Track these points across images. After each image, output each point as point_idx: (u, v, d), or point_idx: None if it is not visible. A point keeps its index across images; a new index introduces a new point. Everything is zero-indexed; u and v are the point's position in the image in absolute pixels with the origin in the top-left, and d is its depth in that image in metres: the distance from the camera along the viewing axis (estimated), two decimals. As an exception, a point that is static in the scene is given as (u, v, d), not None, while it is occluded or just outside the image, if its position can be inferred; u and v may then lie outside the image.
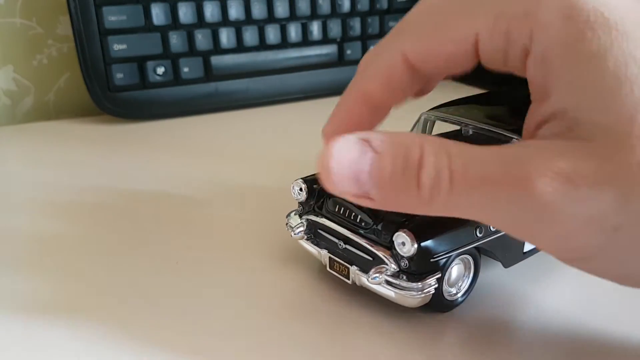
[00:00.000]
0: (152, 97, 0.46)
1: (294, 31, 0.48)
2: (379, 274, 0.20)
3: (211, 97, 0.47)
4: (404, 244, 0.19)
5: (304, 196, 0.23)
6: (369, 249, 0.20)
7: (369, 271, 0.20)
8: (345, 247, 0.22)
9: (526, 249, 0.22)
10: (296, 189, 0.23)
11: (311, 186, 0.23)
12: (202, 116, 0.47)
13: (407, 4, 0.52)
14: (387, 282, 0.20)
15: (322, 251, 0.22)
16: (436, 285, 0.19)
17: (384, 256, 0.20)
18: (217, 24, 0.46)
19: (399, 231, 0.19)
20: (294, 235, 0.23)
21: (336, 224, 0.22)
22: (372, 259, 0.20)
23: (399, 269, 0.20)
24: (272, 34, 0.48)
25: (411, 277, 0.19)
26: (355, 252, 0.21)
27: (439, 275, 0.19)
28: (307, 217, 0.23)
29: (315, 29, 0.49)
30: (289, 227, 0.23)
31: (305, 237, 0.23)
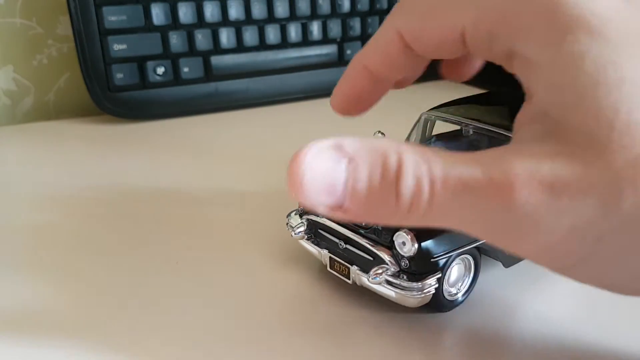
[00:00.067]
0: (152, 97, 0.46)
1: (294, 31, 0.48)
2: (380, 274, 0.20)
3: (211, 97, 0.47)
4: (404, 244, 0.19)
5: None
6: (369, 249, 0.20)
7: (369, 271, 0.20)
8: (345, 247, 0.22)
9: None
10: None
11: None
12: (202, 116, 0.47)
13: (407, 4, 0.52)
14: (388, 282, 0.20)
15: (322, 251, 0.22)
16: (436, 285, 0.19)
17: (385, 256, 0.20)
18: (217, 24, 0.46)
19: (400, 231, 0.19)
20: (294, 235, 0.23)
21: (336, 224, 0.22)
22: (372, 259, 0.20)
23: (399, 269, 0.20)
24: (272, 34, 0.48)
25: (411, 277, 0.19)
26: (355, 252, 0.21)
27: (439, 275, 0.19)
28: (308, 217, 0.23)
29: (315, 29, 0.49)
30: (290, 227, 0.23)
31: (305, 237, 0.23)
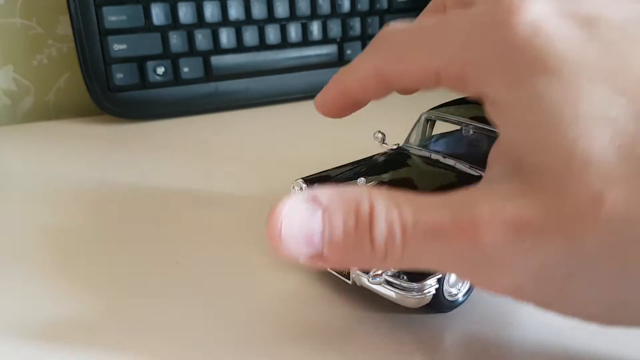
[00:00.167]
0: (152, 97, 0.46)
1: (294, 31, 0.48)
2: (379, 274, 0.20)
3: (211, 97, 0.47)
4: None
5: None
6: None
7: (369, 271, 0.20)
8: None
9: None
10: (296, 189, 0.23)
11: (311, 186, 0.23)
12: (202, 116, 0.47)
13: (407, 4, 0.52)
14: (388, 283, 0.20)
15: None
16: (437, 285, 0.19)
17: None
18: (217, 24, 0.46)
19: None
20: None
21: None
22: None
23: (399, 269, 0.20)
24: (272, 34, 0.48)
25: (411, 278, 0.19)
26: None
27: (440, 275, 0.19)
28: None
29: (315, 29, 0.49)
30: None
31: None
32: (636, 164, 0.13)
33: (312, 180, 0.23)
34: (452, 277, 0.21)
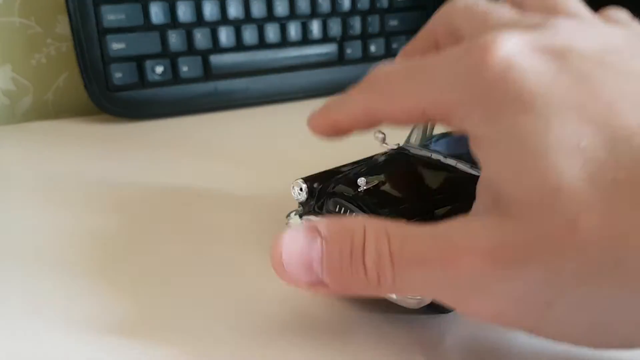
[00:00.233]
0: (151, 97, 0.46)
1: (294, 30, 0.48)
2: None
3: (210, 96, 0.47)
4: None
5: (304, 196, 0.23)
6: None
7: None
8: None
9: None
10: (296, 189, 0.23)
11: (311, 186, 0.23)
12: (202, 115, 0.47)
13: (407, 3, 0.52)
14: None
15: None
16: None
17: None
18: (216, 22, 0.46)
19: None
20: None
21: None
22: None
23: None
24: (272, 32, 0.47)
25: None
26: None
27: None
28: (307, 217, 0.23)
29: (315, 27, 0.49)
30: (289, 227, 0.23)
31: None
32: (608, 190, 0.14)
33: (312, 180, 0.23)
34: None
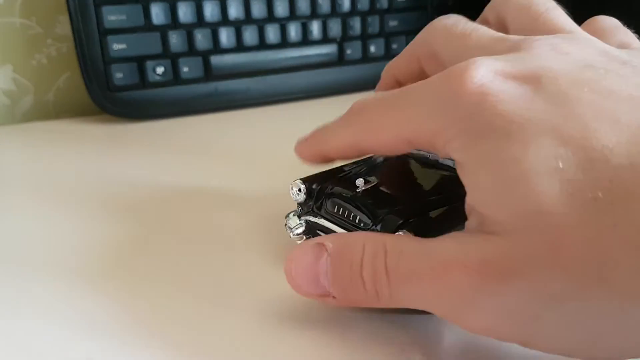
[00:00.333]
0: (152, 97, 0.46)
1: (294, 31, 0.48)
2: None
3: (211, 97, 0.47)
4: None
5: (303, 197, 0.23)
6: None
7: None
8: None
9: None
10: (295, 190, 0.23)
11: (310, 187, 0.23)
12: (202, 116, 0.47)
13: (407, 4, 0.52)
14: None
15: None
16: None
17: None
18: (217, 23, 0.46)
19: (399, 231, 0.19)
20: (292, 236, 0.23)
21: (335, 225, 0.22)
22: None
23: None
24: (272, 33, 0.48)
25: None
26: None
27: None
28: (306, 217, 0.23)
29: (315, 28, 0.49)
30: (288, 228, 0.23)
31: (304, 238, 0.23)
32: (588, 210, 0.14)
33: (311, 180, 0.23)
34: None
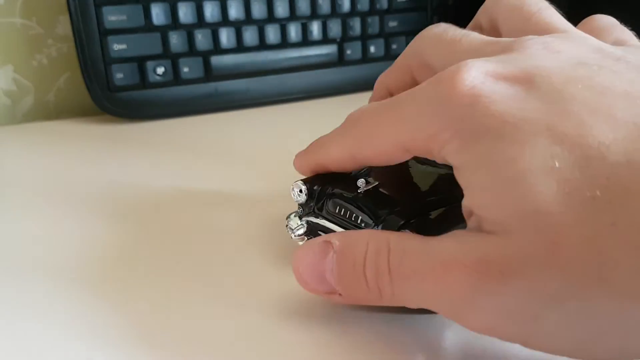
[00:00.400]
0: (152, 97, 0.46)
1: (294, 31, 0.48)
2: None
3: (211, 97, 0.47)
4: None
5: (304, 198, 0.23)
6: None
7: None
8: None
9: None
10: (296, 191, 0.23)
11: (311, 188, 0.23)
12: (202, 116, 0.47)
13: (407, 4, 0.52)
14: None
15: None
16: None
17: None
18: (217, 23, 0.46)
19: (400, 232, 0.19)
20: (294, 237, 0.23)
21: (337, 225, 0.22)
22: None
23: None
24: (272, 33, 0.48)
25: None
26: None
27: None
28: (307, 218, 0.23)
29: (315, 29, 0.49)
30: (289, 229, 0.23)
31: (305, 239, 0.23)
32: (586, 209, 0.14)
33: (312, 181, 0.23)
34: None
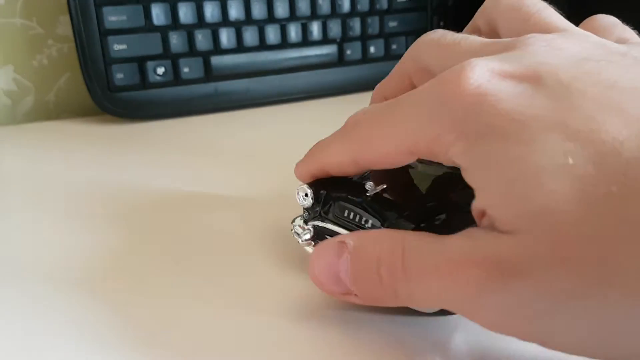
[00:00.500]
0: (152, 97, 0.46)
1: (294, 31, 0.48)
2: None
3: (211, 97, 0.47)
4: None
5: (310, 202, 0.22)
6: None
7: None
8: None
9: None
10: (301, 195, 0.22)
11: (317, 191, 0.22)
12: (202, 116, 0.47)
13: (407, 4, 0.52)
14: None
15: None
16: None
17: None
18: (217, 24, 0.46)
19: (413, 231, 0.18)
20: (301, 242, 0.22)
21: (345, 229, 0.21)
22: None
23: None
24: (272, 34, 0.48)
25: None
26: None
27: None
28: (314, 223, 0.22)
29: (315, 29, 0.49)
30: (295, 233, 0.23)
31: (312, 244, 0.22)
32: (599, 206, 0.13)
33: (317, 184, 0.22)
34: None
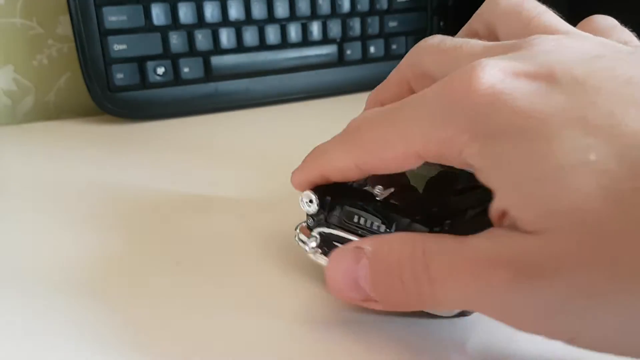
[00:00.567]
0: (152, 97, 0.46)
1: (294, 31, 0.48)
2: None
3: (211, 97, 0.47)
4: None
5: (315, 208, 0.21)
6: None
7: None
8: None
9: None
10: (305, 201, 0.21)
11: (322, 197, 0.21)
12: (202, 116, 0.47)
13: (407, 4, 0.52)
14: None
15: None
16: None
17: None
18: (217, 24, 0.46)
19: (431, 233, 0.18)
20: (308, 249, 0.21)
21: (353, 235, 0.20)
22: None
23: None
24: (272, 34, 0.48)
25: None
26: None
27: None
28: (320, 229, 0.21)
29: (315, 29, 0.49)
30: (299, 241, 0.22)
31: (319, 251, 0.21)
32: (627, 200, 0.13)
33: (321, 190, 0.21)
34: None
